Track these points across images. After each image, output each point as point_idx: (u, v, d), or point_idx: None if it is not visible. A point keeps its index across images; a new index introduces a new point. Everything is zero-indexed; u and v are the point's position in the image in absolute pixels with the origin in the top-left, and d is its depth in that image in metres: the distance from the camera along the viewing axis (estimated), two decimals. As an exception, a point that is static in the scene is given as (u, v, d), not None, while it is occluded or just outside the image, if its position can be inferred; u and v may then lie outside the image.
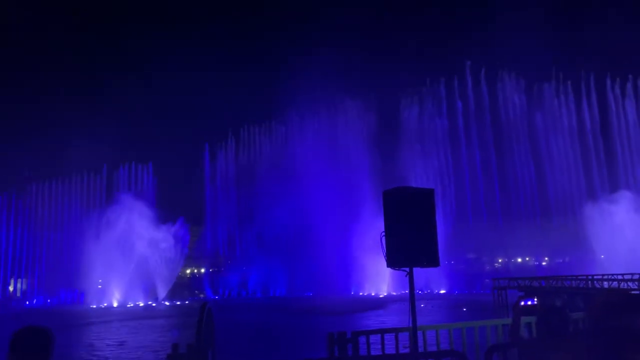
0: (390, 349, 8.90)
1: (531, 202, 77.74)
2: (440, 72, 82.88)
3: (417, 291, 62.37)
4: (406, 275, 7.67)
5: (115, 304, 66.82)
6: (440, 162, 73.70)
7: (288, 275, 78.56)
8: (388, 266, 7.62)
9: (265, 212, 77.43)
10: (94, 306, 64.68)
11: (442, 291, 72.56)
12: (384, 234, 7.62)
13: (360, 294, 73.06)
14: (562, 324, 4.27)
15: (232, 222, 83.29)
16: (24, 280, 79.48)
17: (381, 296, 69.72)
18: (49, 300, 69.19)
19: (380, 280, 72.30)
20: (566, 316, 4.38)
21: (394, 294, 68.65)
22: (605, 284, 37.70)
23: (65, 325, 38.29)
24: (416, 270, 7.73)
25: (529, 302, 5.27)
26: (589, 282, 39.25)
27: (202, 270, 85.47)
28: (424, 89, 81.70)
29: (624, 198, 62.59)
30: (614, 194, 63.94)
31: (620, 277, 39.15)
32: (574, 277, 42.38)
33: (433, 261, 7.58)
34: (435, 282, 73.20)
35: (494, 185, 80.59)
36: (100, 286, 68.92)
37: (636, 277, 37.94)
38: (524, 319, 5.54)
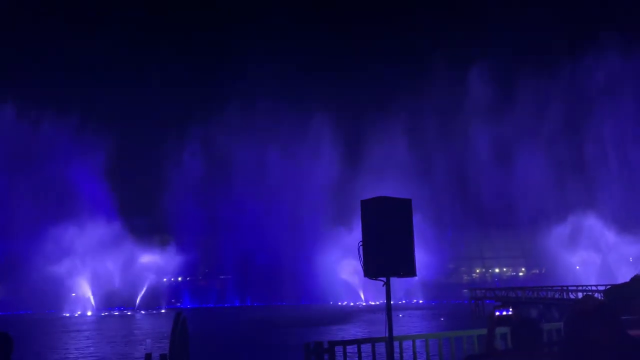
0: (367, 359, 8.88)
1: (508, 214, 78.21)
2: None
3: (397, 301, 62.71)
4: (383, 286, 7.66)
5: (89, 313, 65.65)
6: (417, 174, 73.56)
7: (265, 284, 77.96)
8: (365, 276, 7.59)
9: (239, 223, 77.06)
10: (67, 314, 63.41)
11: (421, 301, 72.77)
12: (361, 243, 7.59)
13: (339, 303, 72.88)
14: (535, 335, 4.30)
15: (209, 230, 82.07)
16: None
17: (362, 304, 69.69)
18: (21, 311, 67.44)
19: (358, 289, 72.34)
20: (538, 327, 4.42)
21: (372, 303, 68.67)
22: (580, 295, 38.26)
23: (36, 334, 37.46)
24: (394, 280, 7.72)
25: (504, 312, 5.24)
26: (564, 292, 39.83)
27: (180, 279, 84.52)
28: (391, 97, 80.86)
29: (597, 212, 63.88)
30: (587, 209, 64.79)
31: (594, 287, 39.83)
32: (549, 288, 42.98)
33: (410, 271, 7.59)
34: (413, 292, 73.37)
35: (471, 196, 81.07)
36: (74, 294, 67.64)
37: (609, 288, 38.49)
38: (499, 330, 5.57)
